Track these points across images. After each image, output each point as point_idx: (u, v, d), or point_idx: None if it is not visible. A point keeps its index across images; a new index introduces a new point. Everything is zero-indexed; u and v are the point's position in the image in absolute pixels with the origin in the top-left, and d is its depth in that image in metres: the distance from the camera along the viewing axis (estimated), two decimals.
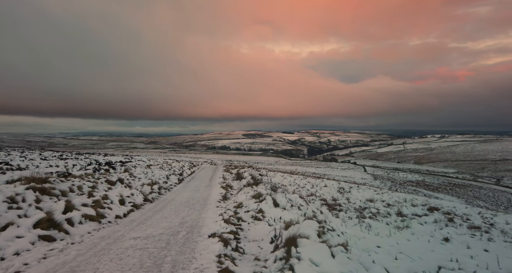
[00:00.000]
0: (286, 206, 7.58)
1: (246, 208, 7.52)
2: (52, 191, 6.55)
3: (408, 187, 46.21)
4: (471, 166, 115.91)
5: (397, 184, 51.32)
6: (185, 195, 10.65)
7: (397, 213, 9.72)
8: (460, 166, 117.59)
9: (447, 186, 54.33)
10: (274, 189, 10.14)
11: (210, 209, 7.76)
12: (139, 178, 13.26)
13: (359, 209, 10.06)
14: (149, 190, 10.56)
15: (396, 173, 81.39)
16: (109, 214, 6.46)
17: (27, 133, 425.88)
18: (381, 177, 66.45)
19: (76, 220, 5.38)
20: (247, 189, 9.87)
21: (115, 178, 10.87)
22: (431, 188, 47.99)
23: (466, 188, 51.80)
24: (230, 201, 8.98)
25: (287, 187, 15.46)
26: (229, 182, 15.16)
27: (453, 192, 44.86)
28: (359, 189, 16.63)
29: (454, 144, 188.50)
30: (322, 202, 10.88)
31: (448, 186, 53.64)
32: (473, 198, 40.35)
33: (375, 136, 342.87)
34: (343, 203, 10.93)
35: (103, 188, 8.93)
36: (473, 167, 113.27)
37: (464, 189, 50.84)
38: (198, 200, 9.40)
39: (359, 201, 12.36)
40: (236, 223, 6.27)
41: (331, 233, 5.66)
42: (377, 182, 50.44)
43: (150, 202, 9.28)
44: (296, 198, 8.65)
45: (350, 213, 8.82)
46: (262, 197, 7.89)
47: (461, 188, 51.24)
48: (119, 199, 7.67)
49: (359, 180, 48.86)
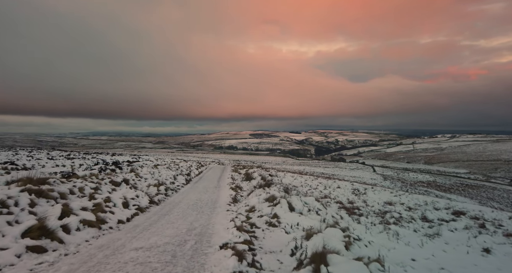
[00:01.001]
0: (302, 211, 6.92)
1: (259, 213, 6.89)
2: (50, 193, 6.04)
3: (419, 188, 45.02)
4: (483, 167, 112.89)
5: (408, 184, 50.09)
6: (193, 197, 10.10)
7: (422, 217, 8.95)
8: (472, 167, 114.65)
9: (459, 186, 52.71)
10: (287, 191, 9.50)
11: (220, 213, 7.17)
12: (145, 178, 12.78)
13: (380, 213, 9.33)
14: (155, 192, 10.04)
15: (406, 174, 79.74)
16: (111, 219, 5.92)
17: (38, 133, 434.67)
18: (390, 177, 65.12)
19: (73, 227, 4.84)
20: (259, 191, 9.24)
21: (120, 179, 10.37)
22: (443, 189, 46.63)
23: (479, 189, 50.12)
24: (241, 204, 8.37)
25: (298, 188, 14.77)
26: (238, 183, 14.58)
27: (465, 193, 43.45)
28: (374, 191, 15.81)
29: (466, 144, 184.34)
30: (339, 205, 10.17)
31: (460, 187, 52.04)
32: (486, 199, 38.92)
33: (383, 136, 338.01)
34: (361, 207, 10.19)
35: (106, 190, 8.43)
36: (485, 168, 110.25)
37: (477, 190, 49.21)
38: (207, 203, 8.82)
39: (377, 204, 11.60)
40: (250, 230, 5.65)
41: (358, 243, 4.99)
42: (387, 183, 49.35)
43: (156, 204, 8.75)
44: (312, 201, 7.99)
45: (371, 218, 8.10)
46: (276, 201, 7.25)
47: (474, 189, 49.61)
48: (122, 202, 7.15)
49: (368, 181, 47.84)
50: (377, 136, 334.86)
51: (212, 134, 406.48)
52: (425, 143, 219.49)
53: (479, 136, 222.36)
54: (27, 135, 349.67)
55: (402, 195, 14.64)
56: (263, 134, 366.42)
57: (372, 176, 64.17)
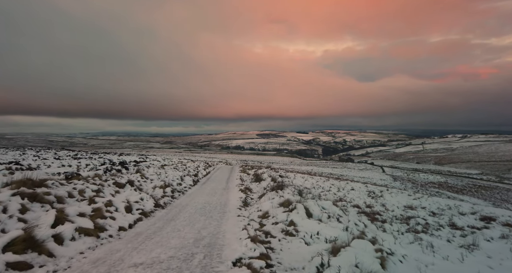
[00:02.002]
0: (321, 217, 6.25)
1: (274, 219, 6.25)
2: (46, 197, 5.52)
3: (431, 189, 43.81)
4: (495, 167, 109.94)
5: (418, 185, 48.79)
6: (200, 199, 9.53)
7: (450, 224, 8.16)
8: (484, 167, 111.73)
9: (472, 188, 51.04)
10: (301, 194, 8.83)
11: (231, 219, 6.55)
12: (151, 179, 12.29)
13: (402, 218, 8.57)
14: (161, 194, 9.51)
15: (416, 174, 77.98)
16: (111, 226, 5.37)
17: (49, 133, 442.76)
18: (400, 178, 63.73)
19: (66, 236, 4.30)
20: (271, 194, 8.60)
21: (125, 180, 9.87)
22: (455, 190, 45.24)
23: (492, 190, 48.42)
24: (252, 209, 7.74)
25: (310, 190, 14.06)
26: (248, 184, 13.96)
27: (478, 195, 41.99)
28: (391, 193, 14.97)
29: (477, 144, 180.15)
30: (357, 209, 9.44)
31: (473, 188, 50.39)
32: (501, 201, 37.48)
33: (392, 136, 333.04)
34: (381, 211, 9.44)
35: (109, 192, 7.91)
36: (498, 168, 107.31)
37: (491, 191, 47.54)
38: (216, 206, 8.23)
39: (397, 208, 10.81)
40: (265, 240, 5.02)
41: (392, 258, 4.30)
42: (397, 184, 48.26)
43: (162, 208, 8.20)
44: (330, 206, 7.30)
45: (396, 225, 7.36)
46: (292, 206, 6.60)
47: (487, 190, 47.95)
48: (125, 206, 6.61)
49: (378, 181, 46.85)
50: (385, 136, 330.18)
51: (219, 134, 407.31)
52: (435, 143, 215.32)
53: (491, 136, 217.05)
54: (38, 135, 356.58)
55: (421, 198, 13.78)
56: (270, 134, 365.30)
57: (382, 177, 62.91)
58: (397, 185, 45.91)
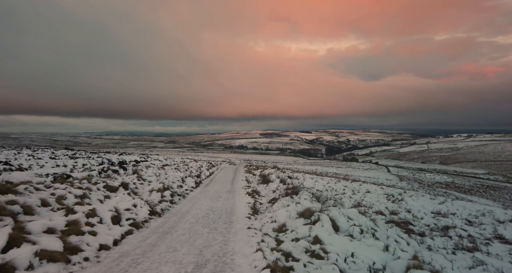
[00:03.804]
0: (352, 232, 5.04)
1: (293, 234, 5.05)
2: (9, 207, 4.39)
3: (438, 189, 42.55)
4: (502, 167, 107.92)
5: (425, 185, 47.49)
6: (203, 205, 8.37)
7: (496, 236, 6.88)
8: (491, 167, 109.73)
9: (480, 188, 49.56)
10: (319, 199, 7.62)
11: (240, 233, 5.37)
12: (149, 181, 11.16)
13: (438, 229, 7.31)
14: (159, 198, 8.36)
15: (422, 174, 76.55)
16: (89, 245, 4.21)
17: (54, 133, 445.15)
18: (406, 178, 62.40)
19: (20, 265, 3.15)
20: (285, 200, 7.40)
21: (118, 183, 8.75)
22: (463, 191, 43.89)
23: (501, 191, 46.89)
24: (265, 218, 6.54)
25: (323, 193, 12.83)
26: (255, 187, 12.78)
27: (487, 195, 40.59)
28: (411, 197, 13.64)
29: (483, 143, 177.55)
30: (382, 217, 8.21)
31: (481, 188, 48.92)
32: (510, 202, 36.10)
33: (396, 135, 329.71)
34: (410, 219, 8.19)
35: (97, 198, 6.77)
36: (505, 168, 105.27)
37: (499, 191, 46.03)
38: (221, 214, 7.06)
39: (424, 214, 9.55)
40: (286, 266, 3.83)
41: None
42: (403, 184, 47.09)
43: (159, 215, 7.05)
44: (357, 215, 6.08)
45: (437, 239, 6.11)
46: (315, 217, 5.39)
47: (495, 191, 46.45)
48: (112, 216, 5.46)
49: (385, 182, 45.75)
50: (389, 135, 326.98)
51: (223, 134, 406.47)
52: (440, 142, 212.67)
53: (497, 136, 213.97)
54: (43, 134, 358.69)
55: (446, 202, 12.47)
56: (273, 134, 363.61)
57: (388, 177, 61.59)
58: (403, 185, 44.66)
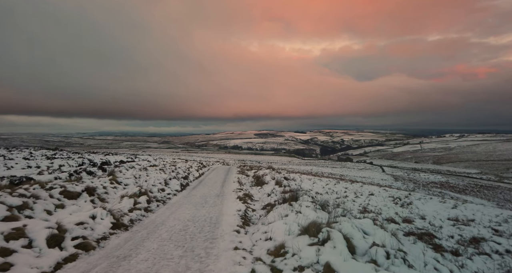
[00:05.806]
0: (375, 256, 3.68)
1: (295, 259, 3.68)
2: None
3: (433, 189, 42.12)
4: (494, 167, 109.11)
5: (420, 185, 47.12)
6: (184, 213, 6.96)
7: None
8: (483, 167, 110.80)
9: (474, 187, 49.43)
10: (323, 207, 6.26)
11: (223, 257, 3.98)
12: (125, 184, 9.70)
13: (465, 242, 6.03)
14: (130, 206, 6.92)
15: (417, 174, 76.63)
16: None
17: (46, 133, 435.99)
18: (401, 178, 62.08)
19: None
20: (283, 209, 6.01)
21: (82, 187, 7.27)
22: (457, 190, 43.57)
23: (494, 190, 46.76)
24: (257, 232, 5.15)
25: (323, 196, 11.52)
26: (247, 189, 11.40)
27: (481, 195, 40.24)
28: (420, 199, 12.37)
29: (475, 143, 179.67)
30: (395, 226, 6.91)
31: (475, 188, 48.80)
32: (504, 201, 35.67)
33: (390, 135, 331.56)
34: (430, 229, 6.91)
35: (44, 208, 5.31)
36: (496, 168, 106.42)
37: (493, 191, 45.86)
38: (203, 227, 5.67)
39: (441, 221, 8.27)
40: None
41: None
42: (398, 184, 46.63)
43: (125, 228, 5.64)
44: (373, 229, 4.74)
45: (476, 259, 4.83)
46: (323, 234, 4.02)
47: (489, 190, 46.30)
48: (49, 235, 4.02)
49: (380, 182, 45.23)
50: (383, 135, 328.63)
51: (217, 134, 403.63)
52: (433, 142, 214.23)
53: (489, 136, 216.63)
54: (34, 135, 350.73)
55: (458, 206, 11.24)
56: (268, 134, 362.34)
57: (382, 177, 61.16)
58: (399, 185, 44.10)
